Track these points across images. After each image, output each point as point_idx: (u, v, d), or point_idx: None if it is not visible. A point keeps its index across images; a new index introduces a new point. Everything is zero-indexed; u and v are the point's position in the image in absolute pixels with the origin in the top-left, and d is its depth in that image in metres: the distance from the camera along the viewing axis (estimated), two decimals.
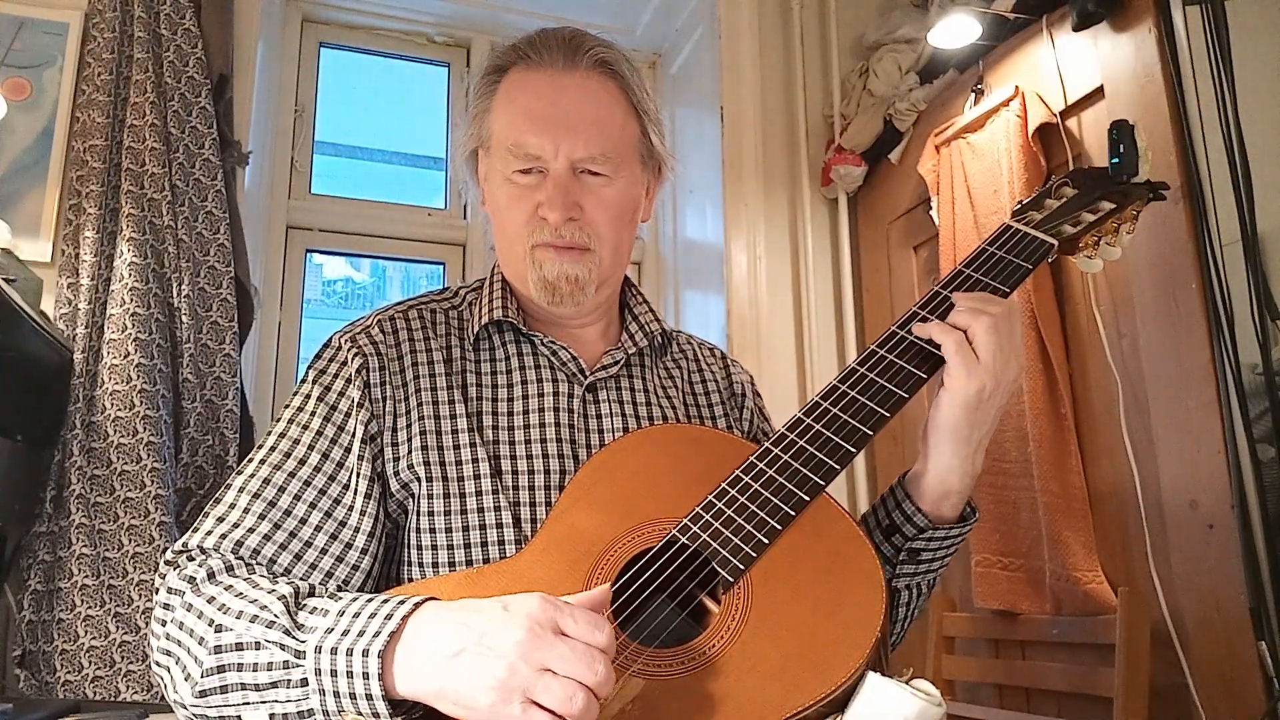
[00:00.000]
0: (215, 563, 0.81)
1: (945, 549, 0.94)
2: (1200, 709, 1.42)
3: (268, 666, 0.72)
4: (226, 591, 0.77)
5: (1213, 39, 1.52)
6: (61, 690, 1.66)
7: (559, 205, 0.94)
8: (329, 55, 2.82)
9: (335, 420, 0.91)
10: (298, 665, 0.71)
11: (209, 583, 0.79)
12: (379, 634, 0.69)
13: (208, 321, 1.96)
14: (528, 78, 0.97)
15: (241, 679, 0.72)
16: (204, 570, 0.80)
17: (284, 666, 0.71)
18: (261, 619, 0.73)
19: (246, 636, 0.73)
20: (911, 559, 0.93)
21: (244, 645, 0.73)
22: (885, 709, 0.66)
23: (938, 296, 0.92)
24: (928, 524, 0.90)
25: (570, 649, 0.64)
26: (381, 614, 0.70)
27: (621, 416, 1.00)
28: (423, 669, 0.67)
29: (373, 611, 0.71)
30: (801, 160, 2.48)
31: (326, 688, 0.69)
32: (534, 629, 0.65)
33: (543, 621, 0.65)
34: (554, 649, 0.64)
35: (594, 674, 0.63)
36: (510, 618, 0.66)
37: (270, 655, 0.72)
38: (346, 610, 0.72)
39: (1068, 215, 0.98)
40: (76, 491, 1.75)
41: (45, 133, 1.98)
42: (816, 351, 2.36)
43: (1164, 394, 1.54)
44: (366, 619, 0.70)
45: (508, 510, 0.90)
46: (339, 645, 0.69)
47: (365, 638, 0.69)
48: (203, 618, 0.76)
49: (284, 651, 0.71)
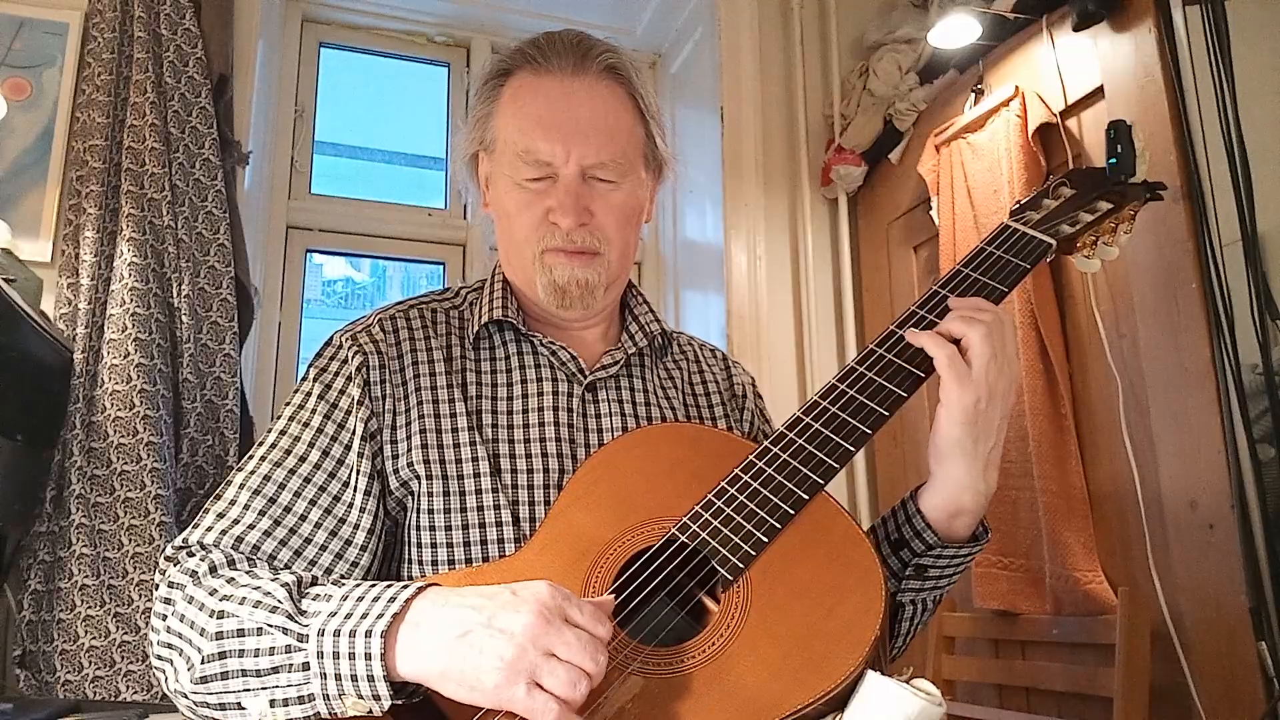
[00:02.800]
0: (216, 557, 0.81)
1: (954, 568, 0.93)
2: (1200, 709, 1.42)
3: (269, 651, 0.72)
4: (228, 584, 0.77)
5: (1213, 39, 1.52)
6: (61, 690, 1.66)
7: (571, 211, 0.94)
8: (329, 55, 2.81)
9: (336, 418, 0.91)
10: (300, 649, 0.71)
11: (210, 576, 0.79)
12: (382, 615, 0.69)
13: (208, 321, 1.96)
14: (536, 82, 0.97)
15: (243, 665, 0.73)
16: (205, 565, 0.80)
17: (286, 651, 0.71)
18: (265, 604, 0.73)
19: (249, 623, 0.73)
20: (918, 575, 0.91)
21: (246, 631, 0.73)
22: (885, 707, 0.66)
23: (936, 296, 0.91)
24: (937, 541, 0.89)
25: (576, 637, 0.66)
26: (385, 597, 0.71)
27: (621, 416, 1.00)
28: (428, 649, 0.68)
29: (376, 595, 0.71)
30: (801, 160, 2.47)
31: (327, 670, 0.69)
32: (543, 613, 0.66)
33: (551, 608, 0.67)
34: (561, 635, 0.66)
35: (595, 664, 0.65)
36: (520, 602, 0.68)
37: (273, 640, 0.72)
38: (350, 595, 0.72)
39: (1065, 215, 0.98)
40: (76, 491, 1.74)
41: (45, 133, 1.98)
42: (816, 351, 2.36)
43: (1164, 394, 1.54)
44: (370, 602, 0.71)
45: (507, 509, 0.90)
46: (341, 627, 0.69)
47: (368, 619, 0.69)
48: (204, 609, 0.76)
49: (286, 636, 0.71)
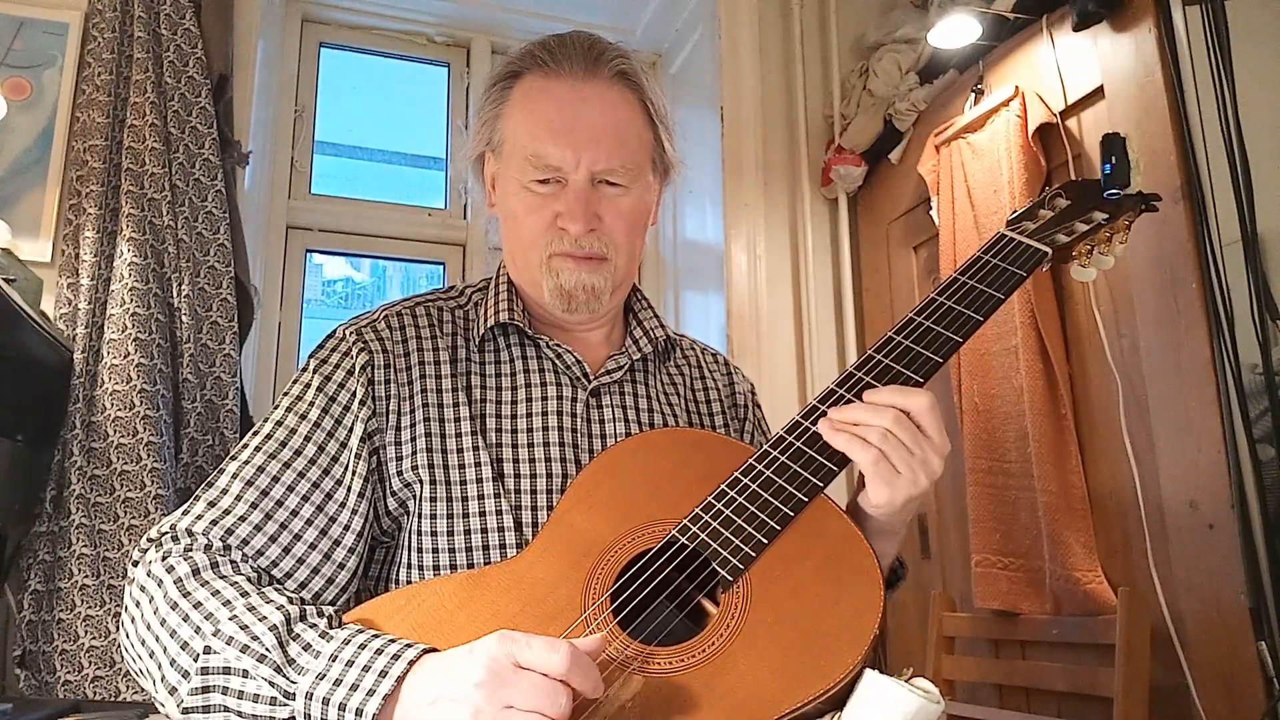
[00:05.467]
0: (200, 556, 0.80)
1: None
2: (1200, 709, 1.42)
3: (254, 698, 0.72)
4: (214, 598, 0.76)
5: (1213, 39, 1.52)
6: (61, 690, 1.66)
7: (580, 217, 0.94)
8: (329, 55, 2.82)
9: (333, 412, 0.91)
10: (285, 705, 0.71)
11: (193, 579, 0.78)
12: (373, 692, 0.68)
13: (208, 321, 1.96)
14: (546, 86, 0.97)
15: (225, 702, 0.73)
16: (188, 564, 0.79)
17: (270, 703, 0.71)
18: (253, 651, 0.72)
19: (235, 665, 0.73)
20: None
21: (232, 671, 0.73)
22: (884, 706, 0.67)
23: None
24: None
25: (530, 684, 0.64)
26: (375, 669, 0.70)
27: (624, 421, 1.00)
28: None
29: (365, 664, 0.70)
30: (801, 160, 2.47)
31: None
32: (492, 667, 0.66)
33: (500, 659, 0.66)
34: (515, 686, 0.65)
35: (556, 707, 0.64)
36: (473, 659, 0.67)
37: (258, 688, 0.72)
38: (339, 655, 0.71)
39: (1061, 225, 1.00)
40: (76, 491, 1.75)
41: (45, 133, 1.98)
42: (816, 352, 2.36)
43: (1164, 394, 1.54)
44: (360, 671, 0.70)
45: (509, 513, 0.90)
46: (330, 697, 0.69)
47: (359, 693, 0.68)
48: (189, 622, 0.75)
49: (273, 689, 0.71)
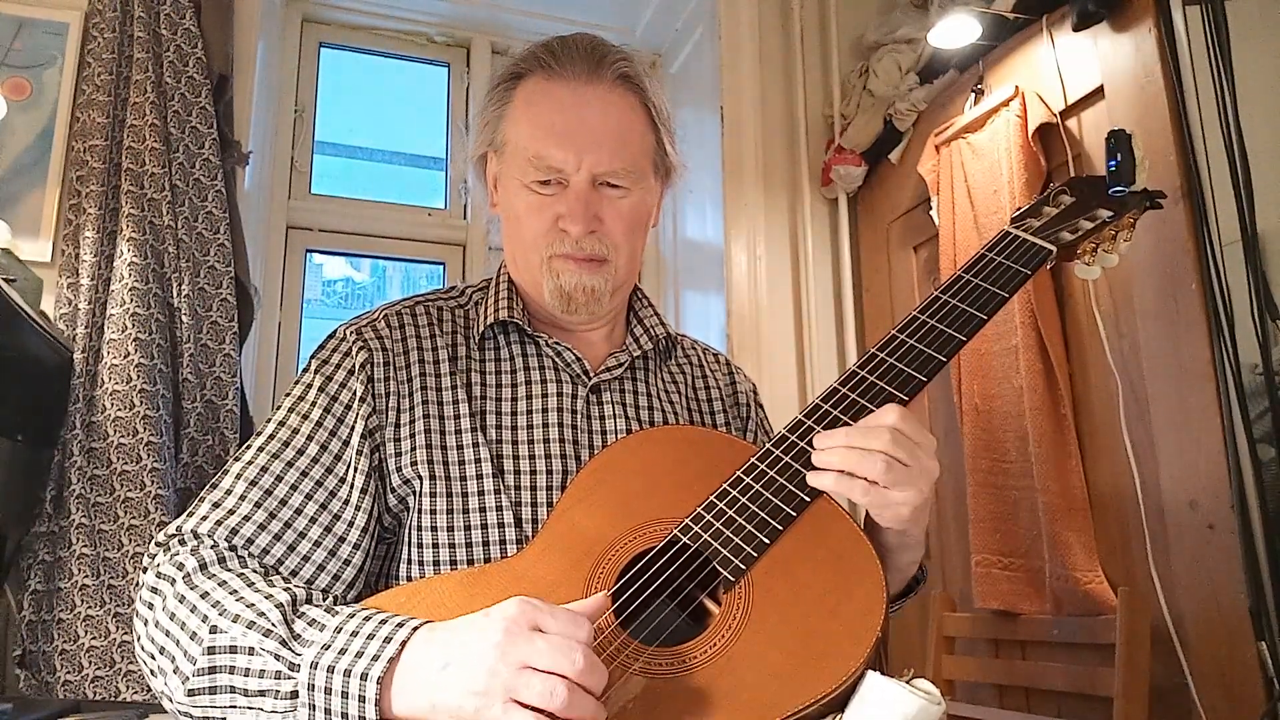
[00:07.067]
0: (207, 553, 0.80)
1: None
2: (1200, 709, 1.42)
3: (259, 674, 0.72)
4: (221, 588, 0.77)
5: (1213, 39, 1.52)
6: (61, 690, 1.66)
7: (581, 219, 0.94)
8: (329, 55, 2.81)
9: (335, 411, 0.91)
10: (290, 677, 0.71)
11: (201, 573, 0.79)
12: (378, 657, 0.69)
13: (208, 321, 1.96)
14: (549, 87, 0.97)
15: (232, 681, 0.73)
16: (195, 560, 0.80)
17: (275, 676, 0.71)
18: (258, 626, 0.73)
19: (241, 641, 0.73)
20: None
21: (238, 649, 0.73)
22: (885, 707, 0.66)
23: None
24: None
25: (547, 643, 0.64)
26: (380, 635, 0.70)
27: (624, 419, 1.00)
28: (416, 688, 0.68)
29: (370, 632, 0.71)
30: (801, 160, 2.47)
31: (318, 704, 0.69)
32: (510, 629, 0.66)
33: (519, 621, 0.66)
34: (531, 645, 0.65)
35: (572, 664, 0.63)
36: (489, 622, 0.67)
37: (263, 663, 0.72)
38: (344, 627, 0.72)
39: (1065, 223, 0.99)
40: (76, 491, 1.74)
41: (45, 133, 1.98)
42: (816, 352, 2.36)
43: (1164, 394, 1.54)
44: (365, 639, 0.70)
45: (509, 510, 0.90)
46: (335, 664, 0.69)
47: (364, 659, 0.69)
48: (196, 612, 0.76)
49: (278, 662, 0.71)
